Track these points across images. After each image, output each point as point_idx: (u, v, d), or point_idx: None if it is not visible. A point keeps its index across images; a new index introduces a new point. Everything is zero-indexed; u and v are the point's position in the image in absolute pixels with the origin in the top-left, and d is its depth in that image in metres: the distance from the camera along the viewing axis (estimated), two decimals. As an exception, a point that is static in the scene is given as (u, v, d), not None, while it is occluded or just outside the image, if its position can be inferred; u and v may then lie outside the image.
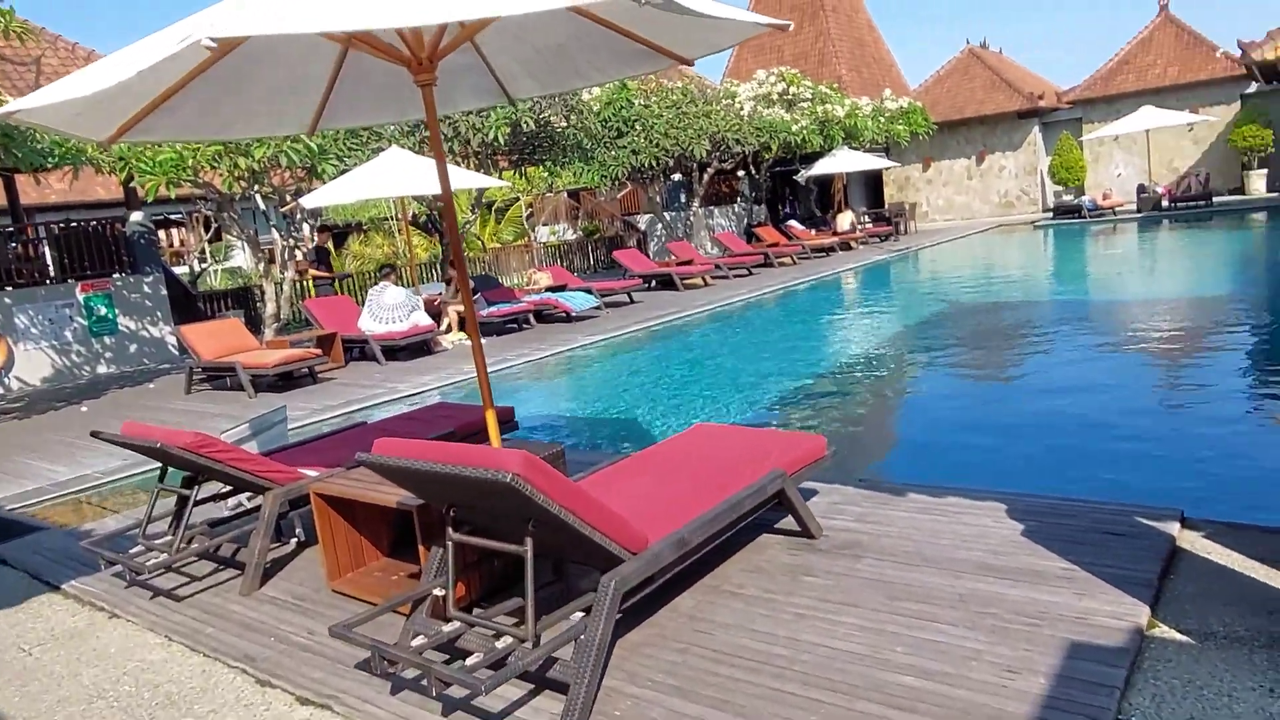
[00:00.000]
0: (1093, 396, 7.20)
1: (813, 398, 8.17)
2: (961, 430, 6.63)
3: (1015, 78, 29.29)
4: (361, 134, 12.27)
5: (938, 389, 8.15)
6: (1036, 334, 10.24)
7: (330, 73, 4.71)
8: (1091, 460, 5.68)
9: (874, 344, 10.53)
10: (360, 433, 5.52)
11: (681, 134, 18.54)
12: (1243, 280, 12.86)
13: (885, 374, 8.99)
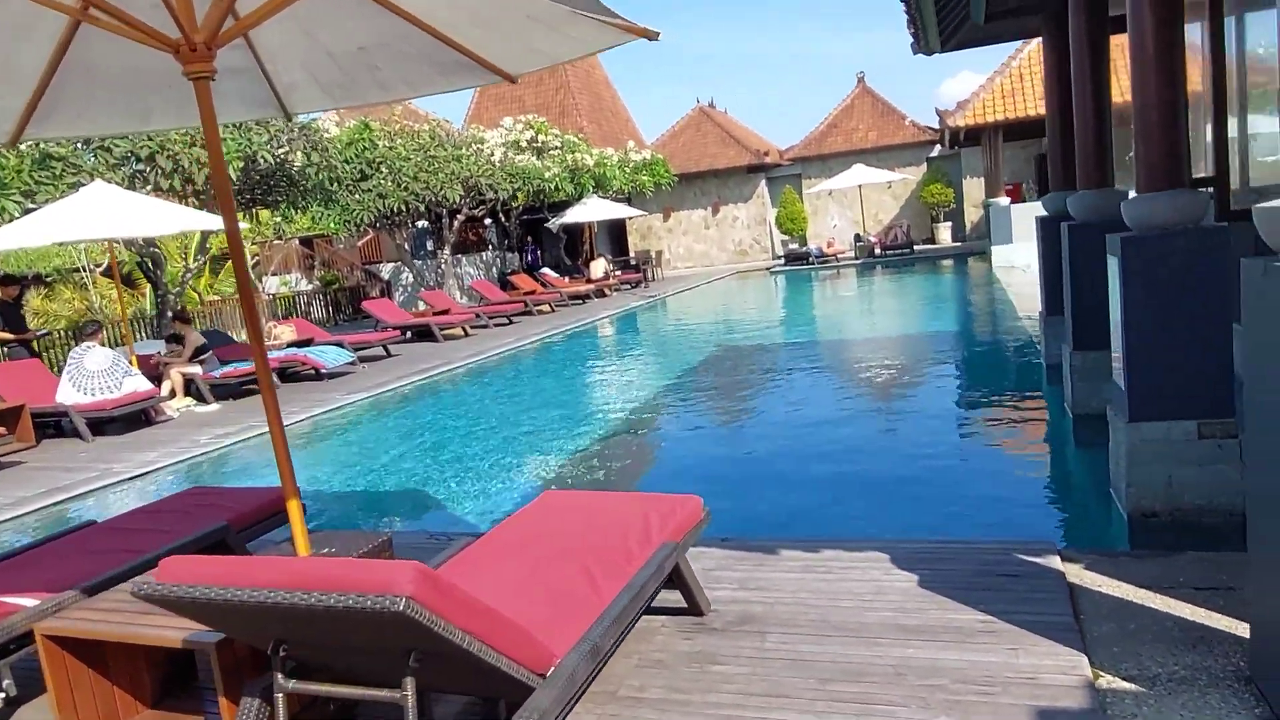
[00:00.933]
0: (860, 431, 7.43)
1: (611, 446, 7.71)
2: (769, 474, 6.47)
3: (741, 135, 31.57)
4: (55, 165, 10.16)
5: (736, 433, 8.03)
6: (802, 374, 10.60)
7: (47, 60, 3.54)
8: (902, 488, 5.70)
9: (654, 389, 10.34)
10: (87, 536, 4.18)
11: (432, 178, 17.65)
12: (952, 315, 14.40)
13: (671, 419, 8.76)
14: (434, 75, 4.10)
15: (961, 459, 6.34)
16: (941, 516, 5.13)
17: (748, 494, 5.90)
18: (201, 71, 3.09)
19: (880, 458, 6.51)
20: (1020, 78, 20.62)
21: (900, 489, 5.70)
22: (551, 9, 3.21)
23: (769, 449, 7.14)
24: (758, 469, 6.57)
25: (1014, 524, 4.95)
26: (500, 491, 6.54)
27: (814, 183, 29.31)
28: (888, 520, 5.13)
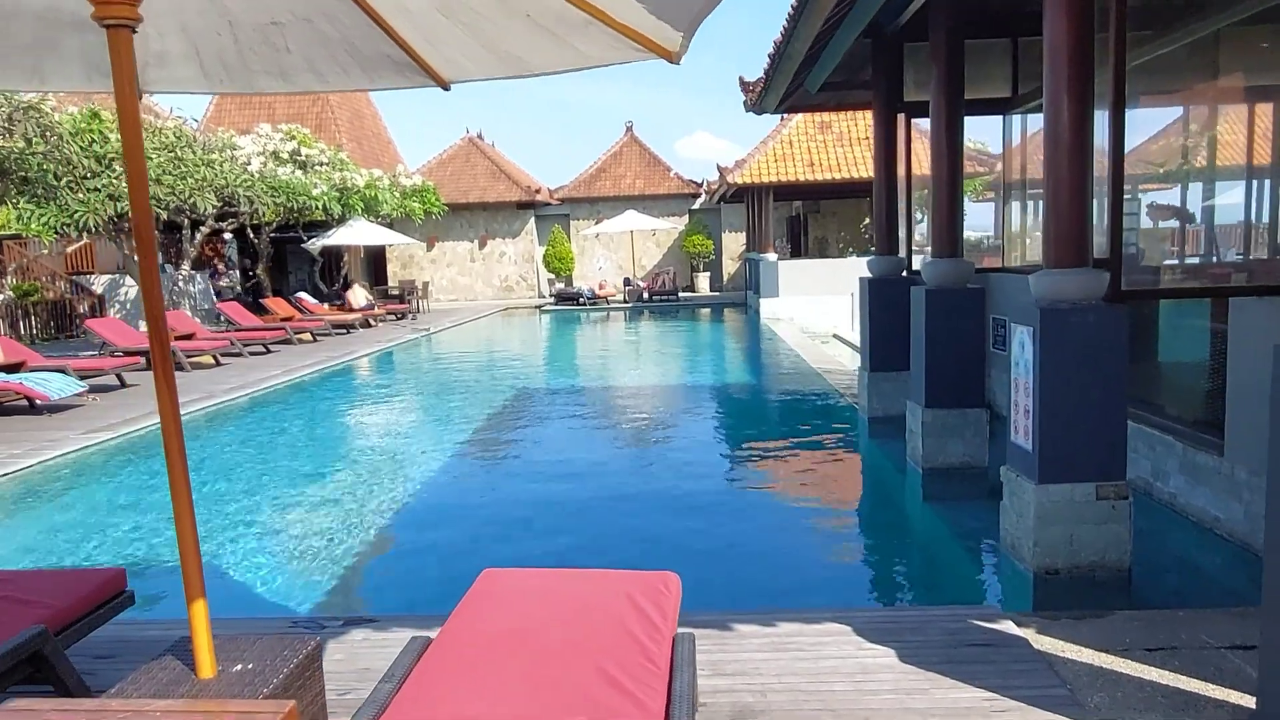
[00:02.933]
0: (692, 488, 7.36)
1: (423, 495, 6.92)
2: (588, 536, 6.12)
3: (511, 171, 31.25)
4: None
5: (554, 488, 7.54)
6: (604, 421, 10.38)
7: None
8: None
9: (458, 434, 9.56)
10: None
11: (180, 182, 15.43)
12: (746, 365, 15.01)
13: (487, 473, 8.12)
14: (353, 68, 3.38)
15: (816, 518, 6.37)
16: (848, 583, 5.06)
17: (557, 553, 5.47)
18: (121, 18, 2.23)
19: (718, 516, 6.35)
20: (790, 144, 22.31)
21: (772, 556, 5.57)
22: (564, 12, 2.71)
23: (591, 505, 6.76)
24: (578, 524, 6.17)
25: (926, 585, 4.99)
26: (327, 556, 5.55)
27: (584, 224, 29.67)
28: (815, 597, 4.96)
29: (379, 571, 5.41)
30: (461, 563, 5.45)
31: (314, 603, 4.83)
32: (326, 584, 5.11)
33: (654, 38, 2.72)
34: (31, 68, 3.14)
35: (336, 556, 5.56)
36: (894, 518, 6.45)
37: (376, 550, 5.75)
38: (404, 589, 5.08)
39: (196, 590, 2.45)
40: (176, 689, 2.45)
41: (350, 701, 3.17)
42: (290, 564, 5.41)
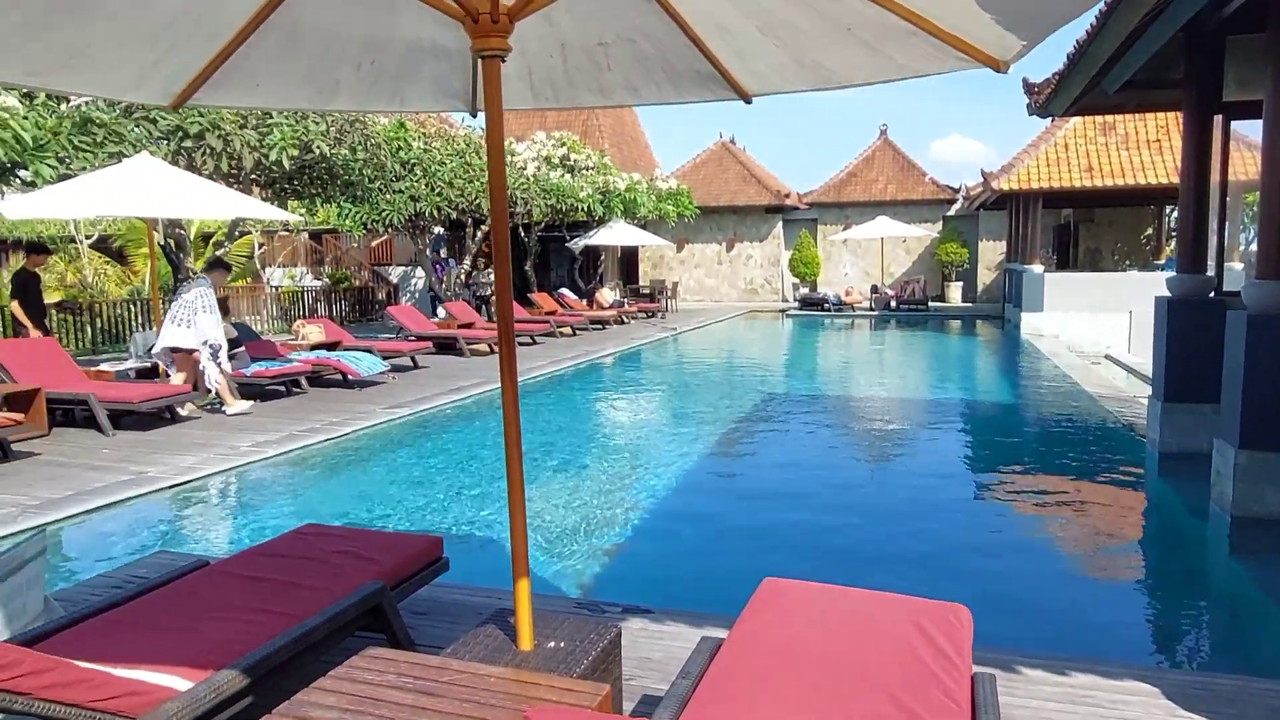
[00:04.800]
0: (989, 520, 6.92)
1: (689, 495, 7.11)
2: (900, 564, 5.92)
3: (761, 175, 31.36)
4: (96, 132, 9.41)
5: (827, 500, 7.43)
6: (873, 436, 10.09)
7: (251, 16, 2.93)
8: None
9: (711, 429, 9.73)
10: (204, 582, 3.49)
11: (468, 185, 17.03)
12: (1013, 385, 14.03)
13: (748, 468, 8.19)
14: (664, 83, 3.58)
15: (1098, 560, 5.83)
16: (1137, 637, 4.61)
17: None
18: (495, 49, 2.52)
19: (983, 547, 5.97)
20: (1066, 147, 20.54)
21: (1048, 597, 5.16)
22: (887, 23, 2.68)
23: (840, 520, 6.58)
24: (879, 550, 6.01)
25: (1232, 650, 4.44)
26: (611, 543, 5.91)
27: (832, 229, 29.15)
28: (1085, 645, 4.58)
29: (638, 562, 5.67)
30: (716, 562, 5.60)
31: (578, 586, 5.16)
32: (590, 569, 5.44)
33: (985, 47, 2.63)
34: (393, 92, 3.62)
35: (598, 545, 5.90)
36: (1193, 570, 5.77)
37: (635, 541, 6.03)
38: (661, 583, 5.28)
39: (522, 568, 2.71)
40: (500, 657, 2.73)
41: (633, 688, 3.35)
42: (556, 547, 5.81)
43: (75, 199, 8.58)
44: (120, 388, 8.50)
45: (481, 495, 7.06)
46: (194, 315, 8.75)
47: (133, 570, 4.66)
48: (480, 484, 7.39)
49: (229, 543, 5.79)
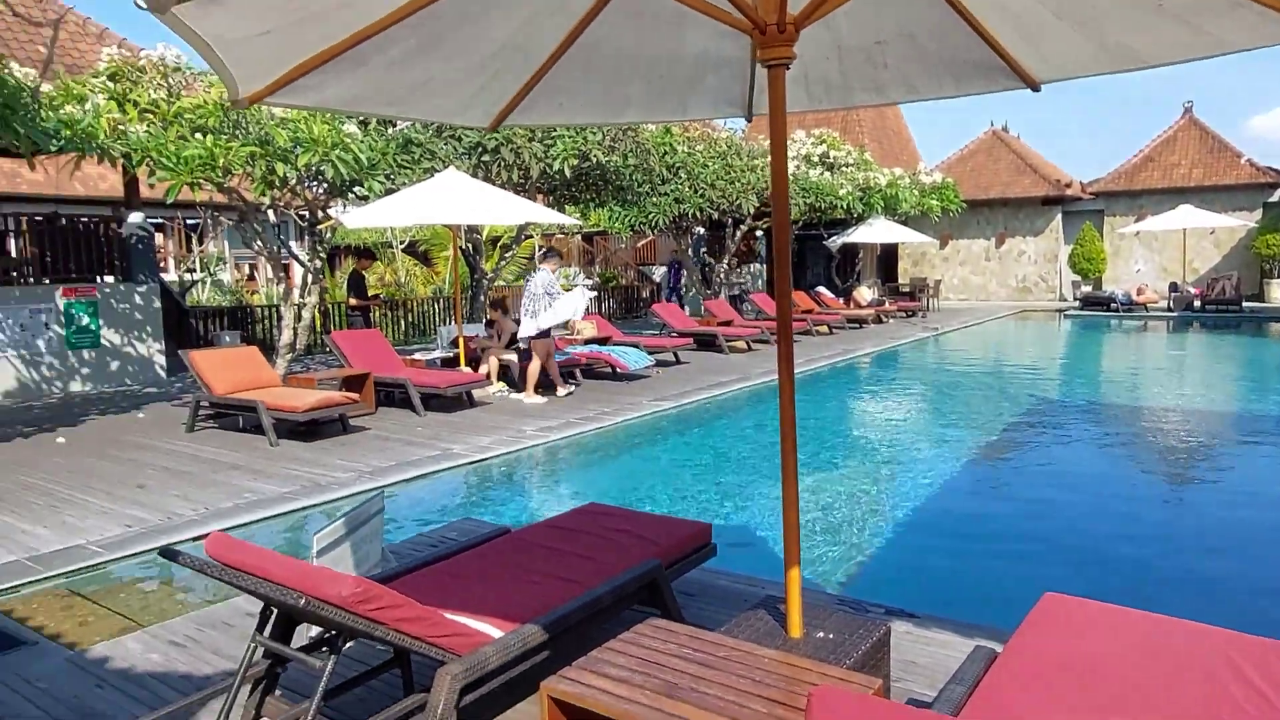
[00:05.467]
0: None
1: (974, 500, 6.81)
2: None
3: (1037, 164, 28.97)
4: (415, 150, 10.81)
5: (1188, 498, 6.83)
6: (1194, 444, 9.05)
7: (559, 43, 3.31)
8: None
9: (984, 437, 9.22)
10: (505, 548, 3.99)
11: (729, 186, 17.41)
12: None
13: (1036, 479, 7.68)
14: (944, 78, 3.55)
15: None
16: None
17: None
18: (781, 58, 2.68)
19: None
20: None
21: None
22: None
23: (1129, 544, 5.95)
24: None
25: None
26: (891, 540, 5.90)
27: (1121, 220, 26.29)
28: None
29: (898, 565, 5.59)
30: (983, 571, 5.38)
31: (838, 584, 5.19)
32: (847, 567, 5.45)
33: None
34: (677, 103, 3.89)
35: (857, 544, 5.88)
36: None
37: (894, 544, 5.94)
38: (923, 587, 5.17)
39: (794, 557, 2.86)
40: (770, 641, 2.89)
41: (898, 690, 3.37)
42: (814, 543, 5.87)
43: (397, 210, 9.94)
44: (430, 374, 9.74)
45: (742, 487, 7.29)
46: (535, 304, 9.77)
47: (444, 532, 5.38)
48: (741, 476, 7.63)
49: (520, 513, 6.47)
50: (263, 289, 18.86)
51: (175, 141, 8.79)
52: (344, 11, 2.54)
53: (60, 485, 6.66)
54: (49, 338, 10.70)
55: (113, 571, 5.09)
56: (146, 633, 4.05)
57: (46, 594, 4.72)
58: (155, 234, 12.23)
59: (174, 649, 3.85)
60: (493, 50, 3.28)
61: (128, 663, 3.73)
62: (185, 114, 9.01)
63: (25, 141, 7.59)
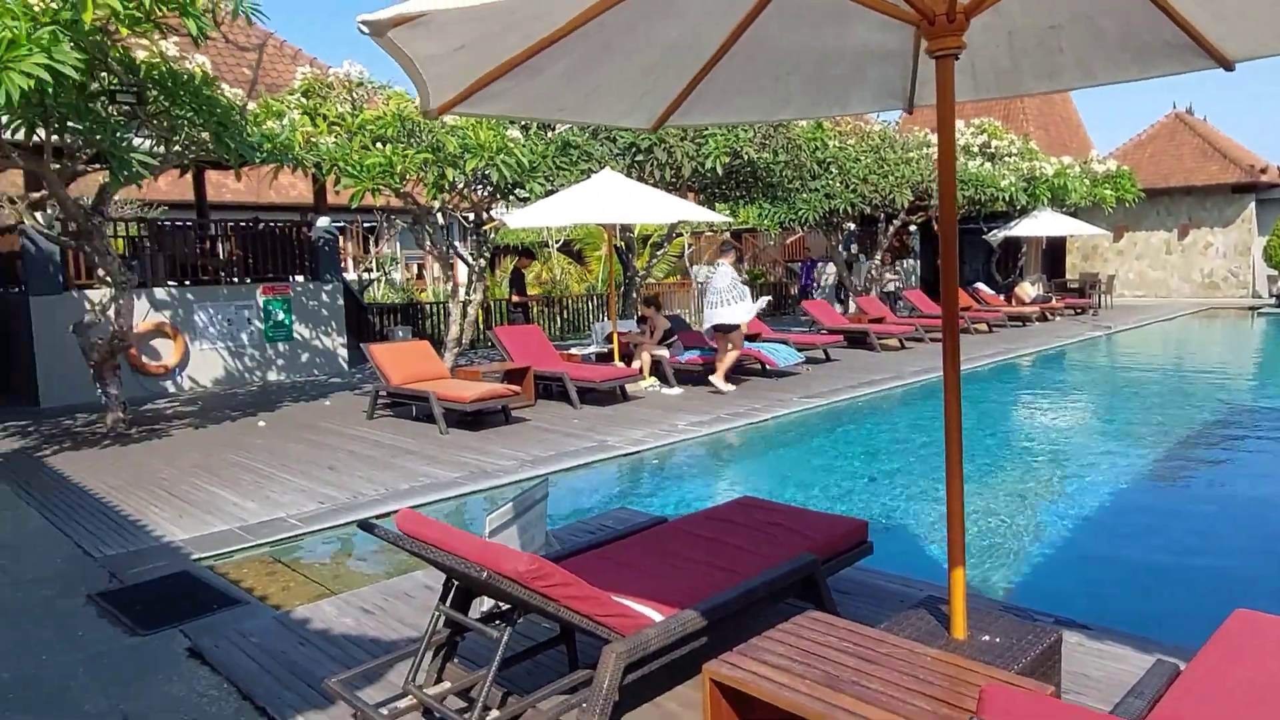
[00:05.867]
0: None
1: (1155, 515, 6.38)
2: None
3: (1226, 148, 26.45)
4: (573, 152, 11.21)
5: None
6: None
7: (721, 43, 3.41)
8: None
9: (1165, 448, 8.57)
10: (662, 537, 4.14)
11: (882, 180, 16.96)
12: None
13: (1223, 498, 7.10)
14: (1125, 60, 3.38)
15: None
16: None
17: None
18: (951, 48, 2.66)
19: None
20: None
21: None
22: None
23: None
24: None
25: None
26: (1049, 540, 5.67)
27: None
28: None
29: (1066, 574, 5.33)
30: (1160, 585, 5.06)
31: (1001, 589, 5.02)
32: (1011, 573, 5.25)
33: None
34: (837, 97, 3.89)
35: (1021, 549, 5.65)
36: None
37: (1062, 551, 5.67)
38: (1094, 599, 4.91)
39: (958, 557, 2.83)
40: (933, 640, 2.88)
41: (1067, 701, 3.26)
42: (974, 545, 5.69)
43: (556, 210, 10.34)
44: (586, 369, 10.10)
45: (895, 487, 7.15)
46: (722, 298, 10.00)
47: (601, 520, 5.61)
48: (893, 476, 7.48)
49: (673, 505, 6.63)
50: (430, 287, 20.06)
51: (359, 151, 9.53)
52: (525, 26, 2.74)
53: (262, 464, 7.40)
54: (250, 332, 11.86)
55: (308, 543, 5.63)
56: (340, 599, 4.47)
57: (254, 560, 5.28)
58: (338, 237, 13.25)
59: (364, 615, 4.23)
60: (657, 55, 3.42)
61: (325, 624, 4.14)
62: (367, 125, 9.75)
63: (235, 155, 8.44)
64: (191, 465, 7.40)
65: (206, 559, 5.15)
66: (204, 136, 8.21)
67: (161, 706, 3.40)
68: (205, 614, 4.28)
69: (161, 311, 11.17)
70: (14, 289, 11.18)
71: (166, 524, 5.75)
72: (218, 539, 5.48)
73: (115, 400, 8.67)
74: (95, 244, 8.28)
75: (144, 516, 5.93)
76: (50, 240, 9.50)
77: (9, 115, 6.68)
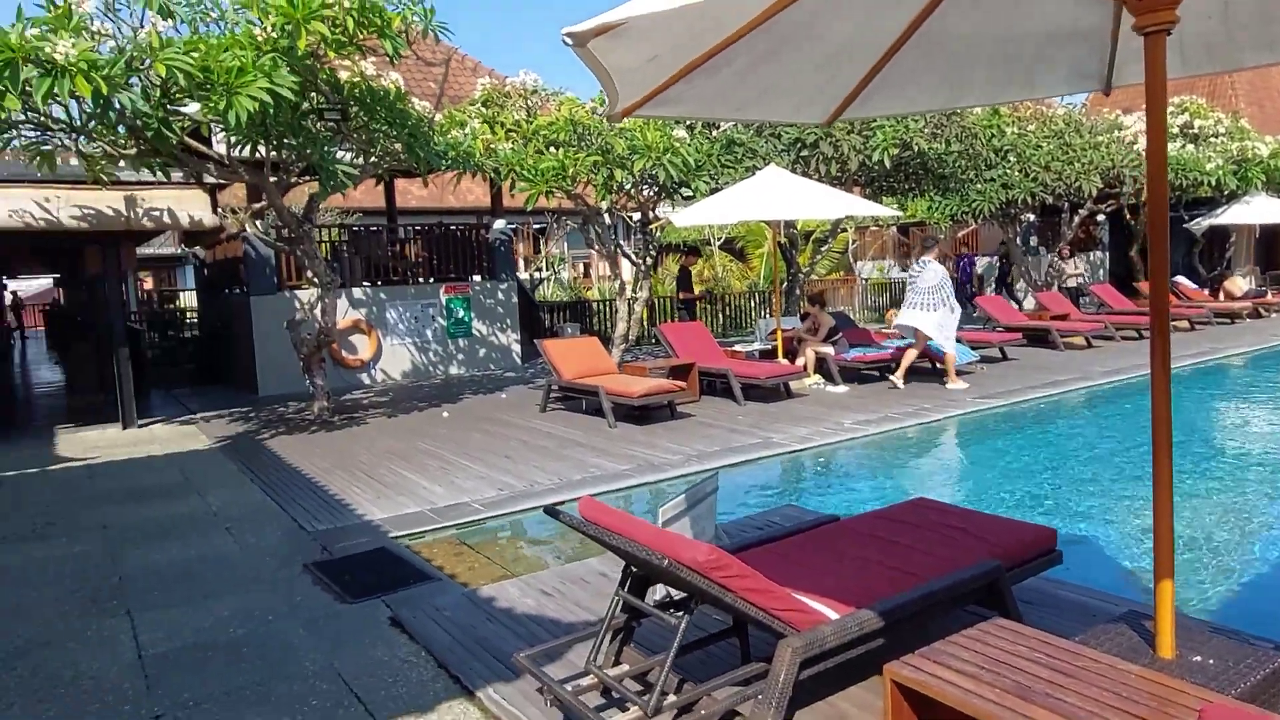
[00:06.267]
0: None
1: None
2: None
3: None
4: (737, 150, 11.23)
5: None
6: None
7: (896, 37, 3.34)
8: None
9: None
10: (834, 535, 4.10)
11: (1067, 168, 15.87)
12: None
13: None
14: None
15: None
16: None
17: None
18: (1163, 23, 2.50)
19: None
20: None
21: None
22: None
23: None
24: None
25: None
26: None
27: None
28: None
29: None
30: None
31: (1208, 609, 4.61)
32: (1220, 593, 4.81)
33: None
34: (1024, 82, 3.71)
35: (1231, 566, 5.17)
36: None
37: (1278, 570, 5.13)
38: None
39: (1166, 570, 2.65)
40: (1135, 658, 2.71)
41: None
42: (1180, 561, 5.25)
43: (721, 208, 10.40)
44: (750, 365, 10.10)
45: (1083, 494, 6.71)
46: (928, 298, 9.82)
47: (768, 516, 5.61)
48: (1082, 483, 7.02)
49: (841, 504, 6.53)
50: (595, 285, 20.67)
51: (533, 156, 9.98)
52: (710, 29, 2.81)
53: (447, 451, 7.92)
54: (434, 328, 12.70)
55: (489, 526, 5.98)
56: (521, 580, 4.73)
57: (442, 541, 5.67)
58: (513, 238, 13.92)
59: (543, 596, 4.46)
60: (832, 50, 3.40)
61: (508, 604, 4.40)
62: (541, 131, 10.19)
63: (423, 164, 9.06)
64: (386, 451, 8.03)
65: (402, 537, 5.59)
66: (397, 147, 8.87)
67: (368, 668, 3.74)
68: (403, 587, 4.65)
69: (358, 309, 12.16)
70: (237, 290, 12.50)
71: (367, 504, 6.28)
72: (411, 520, 5.92)
73: (321, 390, 9.54)
74: (306, 248, 9.14)
75: (347, 496, 6.50)
76: (268, 245, 10.56)
77: (237, 135, 7.48)
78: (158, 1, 6.98)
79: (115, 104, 6.59)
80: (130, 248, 12.76)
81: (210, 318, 14.71)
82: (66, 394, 13.86)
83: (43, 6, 6.67)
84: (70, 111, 7.24)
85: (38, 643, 4.16)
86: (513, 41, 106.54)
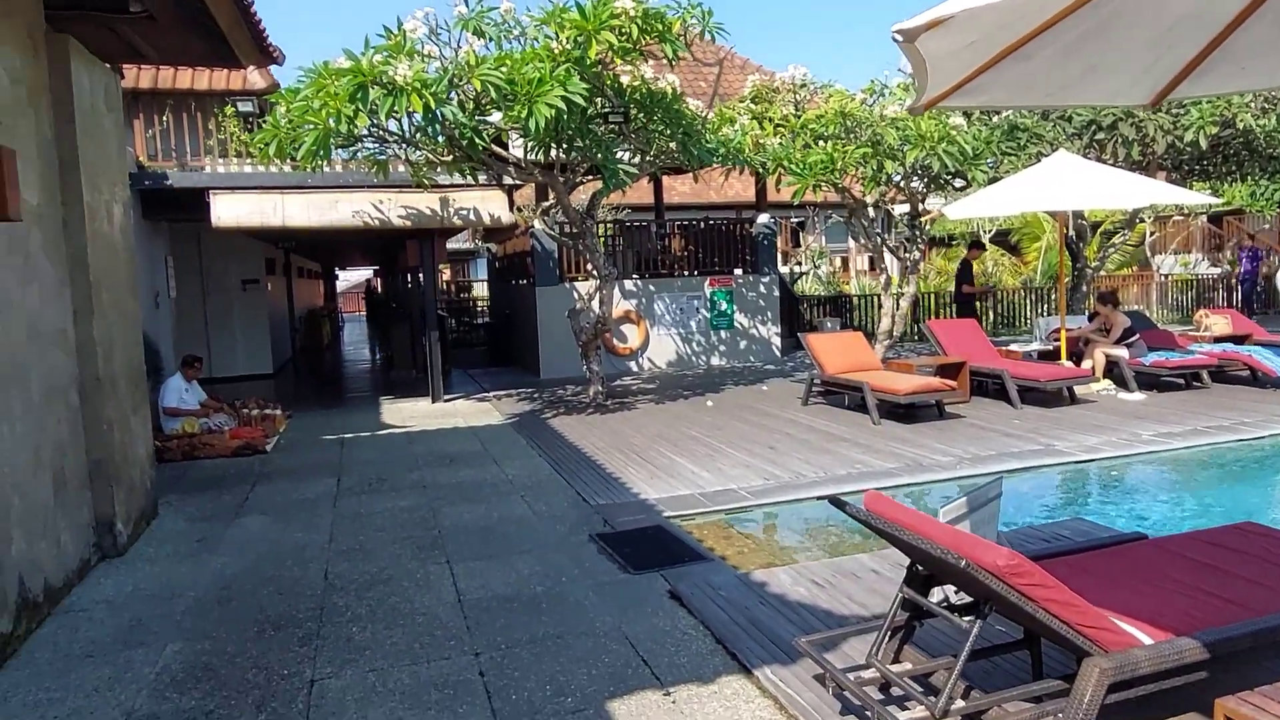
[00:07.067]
0: None
1: None
2: None
3: None
4: (1020, 136, 10.50)
5: None
6: None
7: (1244, 5, 2.99)
8: None
9: None
10: (1140, 554, 3.79)
11: None
12: None
13: None
14: None
15: None
16: None
17: None
18: None
19: None
20: None
21: None
22: None
23: None
24: None
25: None
26: None
27: None
28: None
29: None
30: None
31: None
32: None
33: None
34: (1260, 68, 3.20)
35: None
36: None
37: None
38: None
39: None
40: None
41: None
42: None
43: (1000, 198, 9.77)
44: (1028, 367, 9.44)
45: None
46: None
47: (1055, 529, 5.27)
48: None
49: (1136, 522, 5.97)
50: (854, 279, 20.22)
51: (801, 150, 9.98)
52: (1032, 14, 2.70)
53: (712, 439, 8.20)
54: (698, 319, 13.14)
55: (755, 514, 6.14)
56: (792, 569, 4.83)
57: (712, 524, 5.91)
58: (776, 232, 14.01)
59: (815, 587, 4.53)
60: (1168, 25, 3.12)
61: (780, 590, 4.51)
62: (809, 125, 10.16)
63: (695, 161, 9.39)
64: (655, 435, 8.47)
65: (674, 517, 5.89)
66: (672, 146, 9.27)
67: (652, 635, 4.02)
68: (679, 564, 4.93)
69: (629, 300, 12.87)
70: (524, 280, 13.72)
71: (641, 483, 6.69)
72: (682, 501, 6.23)
73: (596, 375, 10.24)
74: (587, 243, 9.84)
75: (623, 475, 6.96)
76: (553, 240, 11.48)
77: (534, 139, 8.22)
78: (473, 23, 7.86)
79: (439, 116, 7.50)
80: (442, 243, 14.44)
81: (500, 306, 16.30)
82: (385, 369, 16.02)
83: (382, 36, 7.75)
84: (402, 125, 8.34)
85: (380, 579, 4.90)
86: (781, 35, 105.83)
